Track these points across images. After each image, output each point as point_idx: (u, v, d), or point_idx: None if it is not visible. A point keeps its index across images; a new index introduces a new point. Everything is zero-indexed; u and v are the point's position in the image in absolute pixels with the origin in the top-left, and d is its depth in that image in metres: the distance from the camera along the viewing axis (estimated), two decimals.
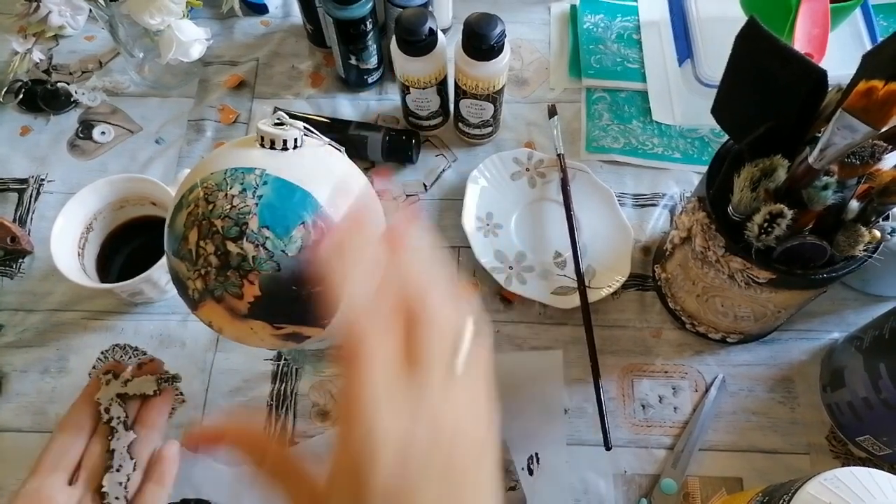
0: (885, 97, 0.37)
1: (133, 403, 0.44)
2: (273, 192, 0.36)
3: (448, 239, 0.66)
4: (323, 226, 0.36)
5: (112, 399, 0.43)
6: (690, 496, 0.55)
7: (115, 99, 0.74)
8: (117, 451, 0.42)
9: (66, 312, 0.63)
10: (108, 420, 0.42)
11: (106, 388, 0.43)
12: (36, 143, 0.72)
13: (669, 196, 0.67)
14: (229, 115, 0.73)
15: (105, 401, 0.43)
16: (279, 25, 0.79)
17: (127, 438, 0.42)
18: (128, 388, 0.44)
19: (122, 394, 0.43)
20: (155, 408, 0.45)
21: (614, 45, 0.76)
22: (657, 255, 0.63)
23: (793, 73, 0.43)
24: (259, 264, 0.35)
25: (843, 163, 0.41)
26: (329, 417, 0.58)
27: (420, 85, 0.64)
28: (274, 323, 0.37)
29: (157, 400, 0.45)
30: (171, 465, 0.45)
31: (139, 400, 0.44)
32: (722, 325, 0.57)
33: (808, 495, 0.39)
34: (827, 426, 0.57)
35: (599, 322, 0.61)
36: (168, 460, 0.45)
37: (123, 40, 0.70)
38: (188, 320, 0.62)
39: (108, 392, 0.43)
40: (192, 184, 0.38)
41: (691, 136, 0.70)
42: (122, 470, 0.41)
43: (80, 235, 0.59)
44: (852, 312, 0.62)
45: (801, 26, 0.55)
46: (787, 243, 0.45)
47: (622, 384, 0.59)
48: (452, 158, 0.71)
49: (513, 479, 0.55)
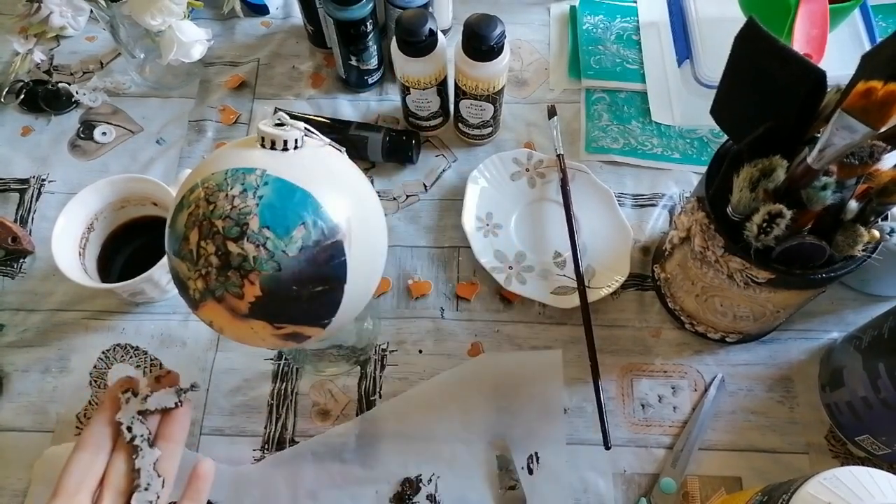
0: (884, 97, 0.37)
1: (153, 418, 0.43)
2: (274, 193, 0.36)
3: (448, 239, 0.66)
4: (323, 226, 0.36)
5: (133, 417, 0.42)
6: (690, 495, 0.55)
7: (116, 99, 0.75)
8: (143, 470, 0.40)
9: (68, 312, 0.63)
10: (130, 439, 0.41)
11: (126, 406, 0.42)
12: (37, 143, 0.72)
13: (669, 196, 0.68)
14: (230, 116, 0.73)
15: (126, 420, 0.42)
16: (280, 26, 0.79)
17: (152, 456, 0.41)
18: (148, 403, 0.43)
19: (142, 410, 0.42)
20: (177, 421, 0.43)
21: (614, 46, 0.76)
22: (656, 255, 0.63)
23: (792, 73, 0.43)
24: (260, 264, 0.35)
25: (842, 163, 0.41)
26: (329, 416, 0.58)
27: (420, 86, 0.64)
28: (274, 323, 0.37)
29: (178, 412, 0.43)
30: (206, 484, 0.44)
31: (159, 414, 0.43)
32: (721, 325, 0.57)
33: (807, 495, 0.39)
34: (826, 426, 0.57)
35: (599, 322, 0.61)
36: (204, 479, 0.44)
37: (124, 41, 0.70)
38: (189, 320, 0.62)
39: (129, 410, 0.42)
40: (193, 184, 0.38)
41: (690, 136, 0.71)
42: (150, 488, 0.40)
43: (81, 235, 0.59)
44: (851, 312, 0.62)
45: (800, 27, 0.55)
46: (786, 243, 0.45)
47: (621, 384, 0.59)
48: (452, 159, 0.71)
49: (513, 478, 0.55)
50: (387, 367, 0.60)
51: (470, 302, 0.63)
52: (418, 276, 0.64)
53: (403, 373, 0.60)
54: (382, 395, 0.59)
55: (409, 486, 0.55)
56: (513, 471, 0.55)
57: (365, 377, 0.60)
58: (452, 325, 0.62)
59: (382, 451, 0.56)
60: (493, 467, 0.56)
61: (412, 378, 0.60)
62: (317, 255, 0.36)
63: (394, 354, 0.61)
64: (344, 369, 0.60)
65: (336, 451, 0.56)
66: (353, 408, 0.59)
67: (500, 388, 0.58)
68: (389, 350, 0.61)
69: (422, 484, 0.55)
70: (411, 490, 0.55)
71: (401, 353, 0.61)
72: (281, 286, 0.36)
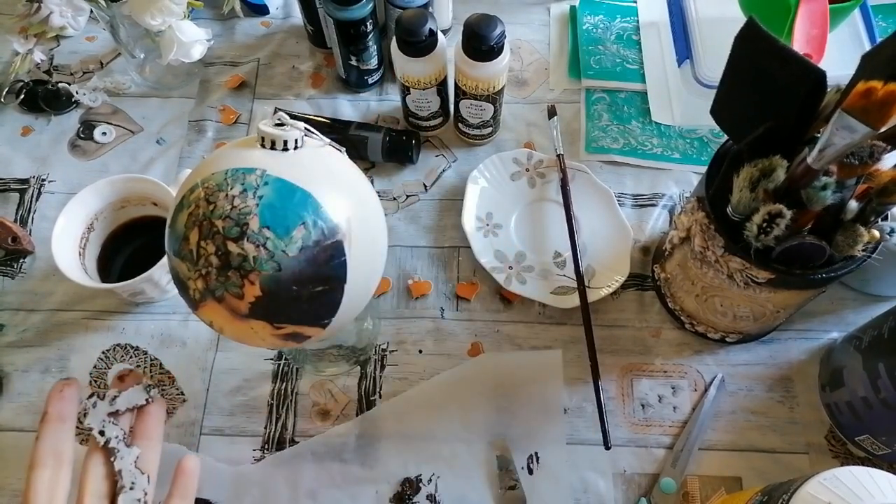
0: (884, 97, 0.37)
1: (124, 418, 0.42)
2: (274, 193, 0.36)
3: (448, 239, 0.66)
4: (323, 226, 0.36)
5: (103, 420, 0.41)
6: (690, 495, 0.55)
7: (116, 99, 0.75)
8: (125, 470, 0.39)
9: (68, 312, 0.63)
10: (105, 443, 0.40)
11: (94, 410, 0.41)
12: (37, 143, 0.72)
13: (669, 196, 0.68)
14: (230, 116, 0.73)
15: (97, 424, 0.41)
16: (280, 26, 0.79)
17: (132, 455, 0.40)
18: (118, 403, 0.42)
19: (112, 412, 0.42)
20: (152, 416, 0.43)
21: (614, 46, 0.76)
22: (656, 255, 0.63)
23: (792, 73, 0.43)
24: (260, 264, 0.35)
25: (842, 163, 0.41)
26: (329, 416, 0.58)
27: (420, 86, 0.64)
28: (274, 323, 0.38)
29: (152, 409, 0.43)
30: (193, 479, 0.43)
31: (130, 413, 0.42)
32: (721, 325, 0.57)
33: (807, 495, 0.39)
34: (826, 426, 0.57)
35: (599, 322, 0.61)
36: (190, 475, 0.43)
37: (124, 41, 0.70)
38: (189, 320, 0.62)
39: (98, 414, 0.41)
40: (193, 184, 0.38)
41: (690, 136, 0.71)
42: (136, 486, 0.39)
43: (81, 235, 0.59)
44: (851, 312, 0.62)
45: (800, 27, 0.55)
46: (786, 243, 0.45)
47: (621, 384, 0.59)
48: (452, 159, 0.71)
49: (513, 478, 0.55)
50: (387, 367, 0.60)
51: (470, 302, 0.63)
52: (418, 276, 0.64)
53: (403, 373, 0.60)
54: (382, 395, 0.59)
55: (409, 486, 0.55)
56: (513, 471, 0.55)
57: (365, 377, 0.60)
58: (452, 325, 0.62)
59: (382, 451, 0.56)
60: (493, 467, 0.56)
61: (412, 378, 0.60)
62: (317, 255, 0.36)
63: (394, 354, 0.61)
64: (344, 369, 0.60)
65: (336, 451, 0.56)
66: (353, 408, 0.59)
67: (500, 388, 0.58)
68: (389, 350, 0.61)
69: (422, 484, 0.55)
70: (411, 490, 0.55)
71: (401, 353, 0.61)
72: (281, 286, 0.36)
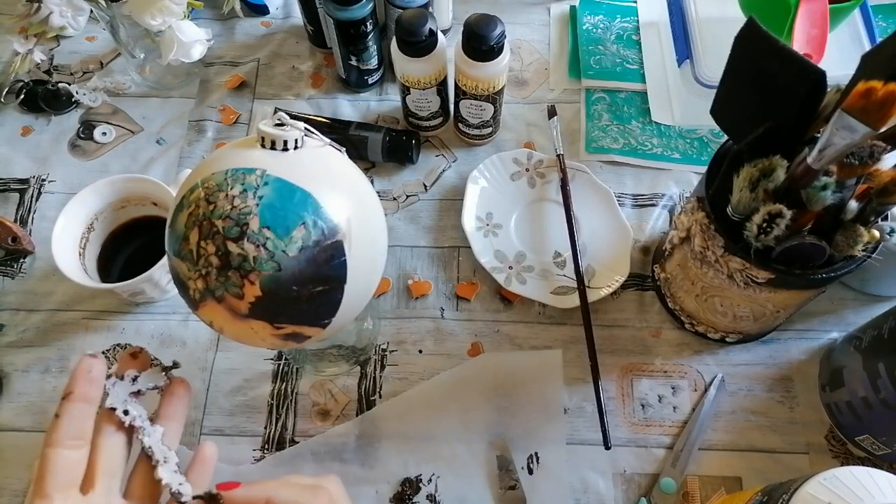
0: (884, 97, 0.37)
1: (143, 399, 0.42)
2: (274, 193, 0.36)
3: (448, 239, 0.66)
4: (323, 226, 0.36)
5: (125, 400, 0.42)
6: (690, 495, 0.55)
7: (116, 99, 0.75)
8: (154, 447, 0.40)
9: (68, 312, 0.63)
10: (129, 422, 0.41)
11: (114, 390, 0.42)
12: (37, 143, 0.72)
13: (669, 196, 0.68)
14: (230, 116, 0.73)
15: (120, 404, 0.41)
16: (280, 26, 0.79)
17: (157, 432, 0.41)
18: (139, 384, 0.42)
19: (133, 392, 0.42)
20: (178, 397, 0.42)
21: (614, 46, 0.76)
22: (656, 255, 0.63)
23: (792, 73, 0.43)
24: (260, 264, 0.35)
25: (841, 163, 0.41)
26: (329, 416, 0.58)
27: (420, 86, 0.64)
28: (274, 323, 0.37)
29: (178, 389, 0.42)
30: (210, 468, 0.43)
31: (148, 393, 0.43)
32: (721, 325, 0.57)
33: (807, 495, 0.39)
34: (826, 426, 0.57)
35: (599, 322, 0.61)
36: (209, 462, 0.43)
37: (124, 41, 0.70)
38: (189, 320, 0.62)
39: (119, 394, 0.41)
40: (193, 184, 0.38)
41: (690, 136, 0.71)
42: (169, 460, 0.40)
43: (81, 235, 0.59)
44: (851, 312, 0.62)
45: (800, 27, 0.55)
46: (786, 243, 0.45)
47: (621, 384, 0.59)
48: (452, 159, 0.71)
49: (513, 478, 0.55)
50: (387, 367, 0.60)
51: (470, 302, 0.63)
52: (418, 276, 0.64)
53: (403, 373, 0.60)
54: (382, 395, 0.59)
55: (409, 486, 0.55)
56: (513, 471, 0.55)
57: (365, 377, 0.60)
58: (452, 325, 0.62)
59: (382, 451, 0.56)
60: (493, 467, 0.56)
61: (412, 378, 0.60)
62: (317, 255, 0.36)
63: (394, 354, 0.61)
64: (344, 369, 0.60)
65: (336, 451, 0.56)
66: (353, 408, 0.59)
67: (500, 388, 0.58)
68: (389, 350, 0.61)
69: (422, 484, 0.55)
70: (411, 490, 0.55)
71: (401, 353, 0.61)
72: (281, 286, 0.36)
